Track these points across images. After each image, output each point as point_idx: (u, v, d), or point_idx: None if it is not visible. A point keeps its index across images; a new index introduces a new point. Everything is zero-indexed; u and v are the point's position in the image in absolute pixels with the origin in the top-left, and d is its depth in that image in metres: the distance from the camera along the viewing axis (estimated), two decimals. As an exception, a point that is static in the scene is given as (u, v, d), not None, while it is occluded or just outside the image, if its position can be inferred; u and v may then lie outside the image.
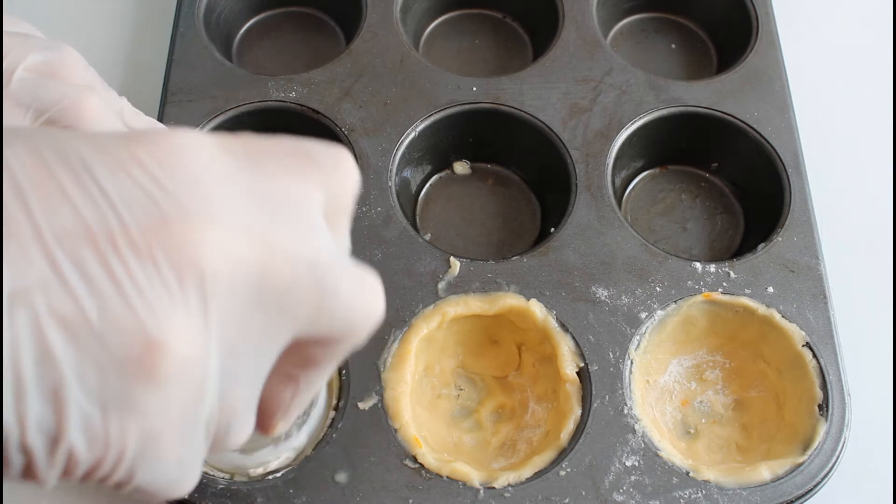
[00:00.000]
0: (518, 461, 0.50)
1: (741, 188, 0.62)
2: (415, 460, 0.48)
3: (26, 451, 0.24)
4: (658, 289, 0.54)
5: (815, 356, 0.52)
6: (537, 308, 0.53)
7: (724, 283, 0.54)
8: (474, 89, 0.61)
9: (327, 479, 0.47)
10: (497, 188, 0.62)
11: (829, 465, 0.49)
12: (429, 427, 0.51)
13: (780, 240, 0.56)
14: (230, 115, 0.59)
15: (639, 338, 0.52)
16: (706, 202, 0.62)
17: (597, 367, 0.51)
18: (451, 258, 0.54)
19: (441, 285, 0.53)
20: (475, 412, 0.53)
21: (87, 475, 0.26)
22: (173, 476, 0.28)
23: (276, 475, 0.47)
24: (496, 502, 0.47)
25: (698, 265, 0.55)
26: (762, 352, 0.54)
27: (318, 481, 0.47)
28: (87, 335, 0.24)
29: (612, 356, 0.52)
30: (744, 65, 0.64)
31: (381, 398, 0.50)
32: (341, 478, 0.47)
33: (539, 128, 0.60)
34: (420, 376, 0.52)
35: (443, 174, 0.63)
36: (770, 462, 0.49)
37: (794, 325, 0.53)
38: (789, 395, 0.52)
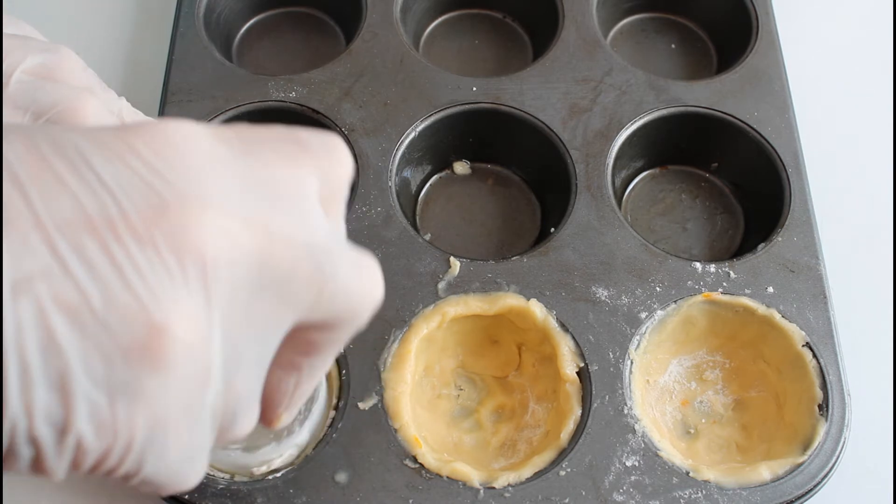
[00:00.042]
0: (518, 461, 0.50)
1: (741, 188, 0.62)
2: (415, 460, 0.48)
3: (35, 443, 0.24)
4: (658, 289, 0.54)
5: (815, 356, 0.52)
6: (537, 308, 0.53)
7: (724, 283, 0.54)
8: (474, 89, 0.61)
9: (327, 479, 0.47)
10: (497, 188, 0.62)
11: (829, 465, 0.49)
12: (429, 427, 0.51)
13: (780, 240, 0.56)
14: (230, 115, 0.59)
15: (639, 338, 0.52)
16: (706, 202, 0.62)
17: (597, 367, 0.51)
18: (451, 258, 0.54)
19: (441, 285, 0.53)
20: (475, 412, 0.53)
21: (96, 466, 0.26)
22: (181, 466, 0.28)
23: (277, 475, 0.47)
24: (496, 502, 0.47)
25: (698, 265, 0.55)
26: (762, 352, 0.54)
27: (318, 481, 0.47)
28: (91, 321, 0.24)
29: (612, 356, 0.52)
30: (744, 65, 0.64)
31: (381, 398, 0.50)
32: (341, 478, 0.47)
33: (539, 128, 0.60)
34: (420, 376, 0.52)
35: (443, 174, 0.63)
36: (770, 462, 0.49)
37: (794, 325, 0.53)
38: (789, 395, 0.52)
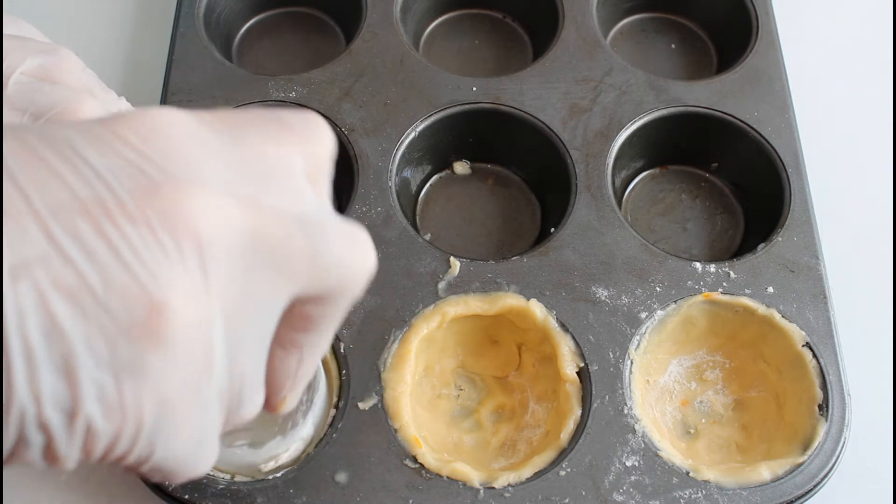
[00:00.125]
0: (518, 461, 0.50)
1: (741, 188, 0.62)
2: (415, 460, 0.48)
3: (45, 429, 0.24)
4: (658, 289, 0.54)
5: (815, 356, 0.52)
6: (537, 308, 0.53)
7: (724, 283, 0.54)
8: (474, 89, 0.61)
9: (327, 479, 0.47)
10: (497, 188, 0.62)
11: (829, 465, 0.49)
12: (429, 427, 0.51)
13: (780, 240, 0.56)
14: (230, 115, 0.59)
15: (639, 338, 0.52)
16: (706, 202, 0.62)
17: (597, 367, 0.51)
18: (451, 258, 0.54)
19: (441, 285, 0.53)
20: (475, 412, 0.53)
21: (107, 452, 0.26)
22: (191, 451, 0.28)
23: (277, 475, 0.47)
24: (496, 502, 0.47)
25: (698, 265, 0.55)
26: (762, 352, 0.54)
27: (318, 481, 0.47)
28: (92, 303, 0.24)
29: (612, 356, 0.52)
30: (744, 65, 0.64)
31: (381, 398, 0.50)
32: (341, 478, 0.47)
33: (539, 128, 0.60)
34: (420, 376, 0.52)
35: (443, 174, 0.63)
36: (770, 462, 0.49)
37: (794, 325, 0.53)
38: (789, 395, 0.52)
